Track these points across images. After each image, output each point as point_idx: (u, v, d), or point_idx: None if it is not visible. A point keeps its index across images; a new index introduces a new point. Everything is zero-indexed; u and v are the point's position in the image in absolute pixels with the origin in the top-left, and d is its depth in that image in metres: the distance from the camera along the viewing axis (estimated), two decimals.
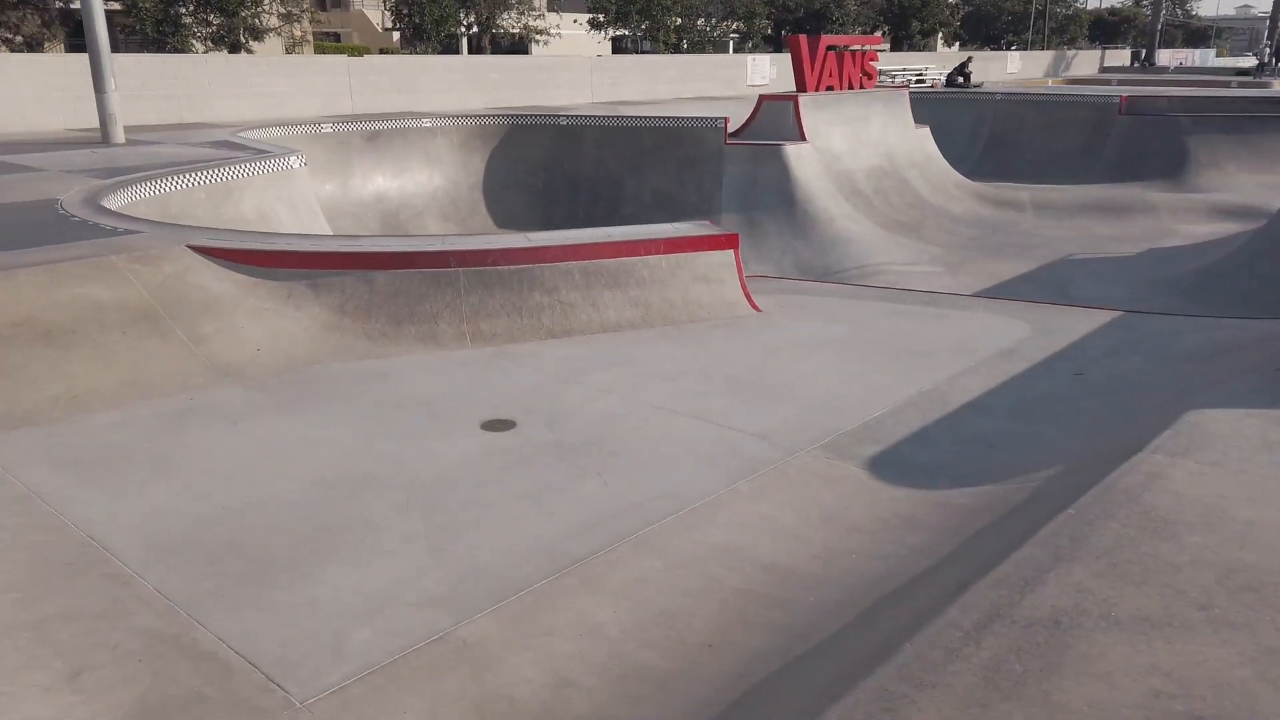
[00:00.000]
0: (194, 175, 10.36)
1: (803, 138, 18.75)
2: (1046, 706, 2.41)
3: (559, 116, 19.66)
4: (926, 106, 23.71)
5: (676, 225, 8.34)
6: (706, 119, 18.93)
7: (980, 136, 26.39)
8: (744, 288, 8.03)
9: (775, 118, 19.44)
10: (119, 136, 13.57)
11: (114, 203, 8.83)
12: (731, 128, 19.08)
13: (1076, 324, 7.52)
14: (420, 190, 18.28)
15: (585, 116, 19.66)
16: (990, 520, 4.06)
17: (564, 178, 19.54)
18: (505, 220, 18.38)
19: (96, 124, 14.15)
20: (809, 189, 18.15)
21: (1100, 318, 7.71)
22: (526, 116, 19.59)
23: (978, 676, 2.54)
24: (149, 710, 3.10)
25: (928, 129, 21.75)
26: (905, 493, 4.67)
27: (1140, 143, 23.59)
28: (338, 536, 4.25)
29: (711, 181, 19.00)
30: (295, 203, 12.29)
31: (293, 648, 3.46)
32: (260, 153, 12.28)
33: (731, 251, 7.99)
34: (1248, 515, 3.46)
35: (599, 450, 5.25)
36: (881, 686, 2.52)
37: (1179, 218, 19.49)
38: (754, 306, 7.96)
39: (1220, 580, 3.01)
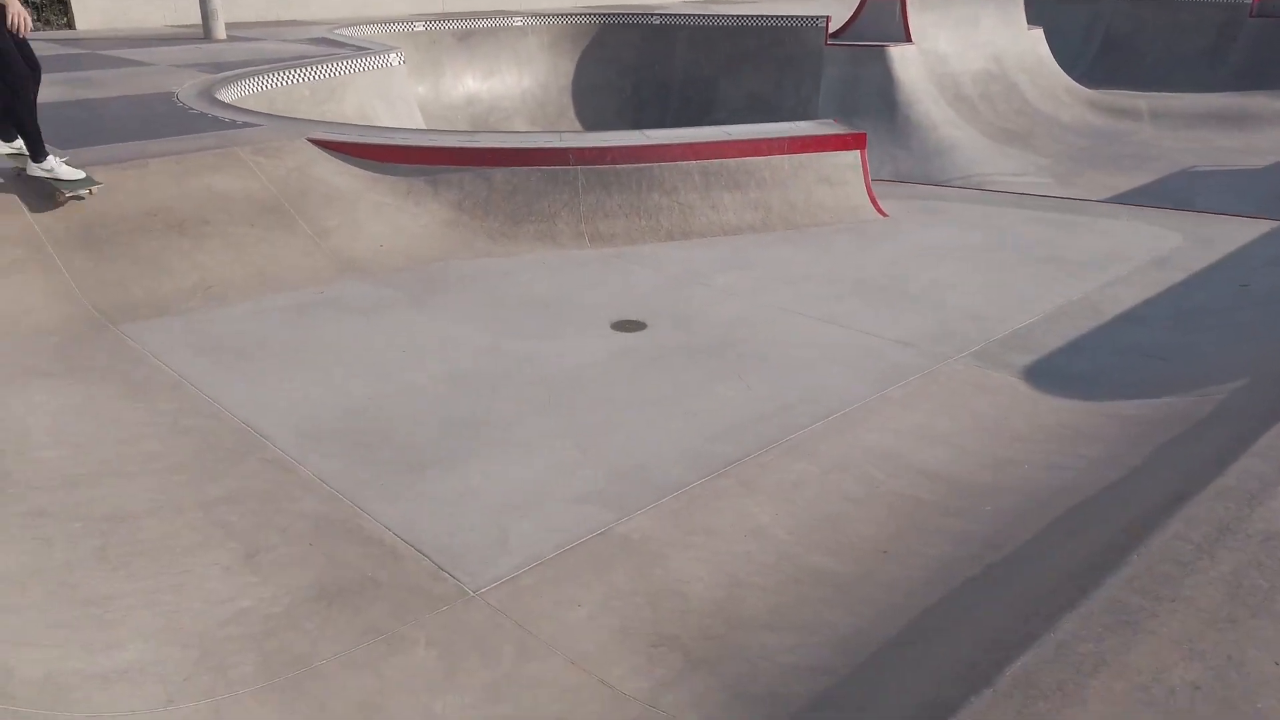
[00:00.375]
0: (298, 71, 10.27)
1: (908, 39, 17.81)
2: None
3: (651, 15, 19.02)
4: (1037, 5, 22.27)
5: (799, 124, 7.97)
6: (807, 18, 18.10)
7: (1095, 38, 24.76)
8: (870, 191, 7.67)
9: (880, 17, 18.46)
10: (220, 32, 13.52)
11: (227, 97, 8.80)
12: (833, 27, 18.21)
13: (1234, 233, 7.01)
14: (509, 92, 17.97)
15: (678, 15, 18.98)
16: (1176, 433, 3.80)
17: (654, 81, 18.98)
18: (593, 125, 18.00)
19: (197, 20, 14.12)
20: (912, 93, 17.30)
21: (1260, 227, 7.18)
22: (618, 15, 18.98)
23: (1220, 591, 2.35)
24: (325, 593, 3.11)
25: (1040, 31, 20.47)
26: (1068, 403, 4.42)
27: (1272, 47, 21.83)
28: (480, 431, 4.20)
29: (810, 84, 18.24)
30: (394, 101, 12.15)
31: (457, 538, 3.44)
32: (360, 50, 12.12)
33: (858, 152, 7.62)
34: None
35: (732, 353, 5.09)
36: (1115, 599, 2.35)
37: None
38: (880, 211, 7.62)
39: None
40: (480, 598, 3.12)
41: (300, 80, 10.32)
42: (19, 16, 5.04)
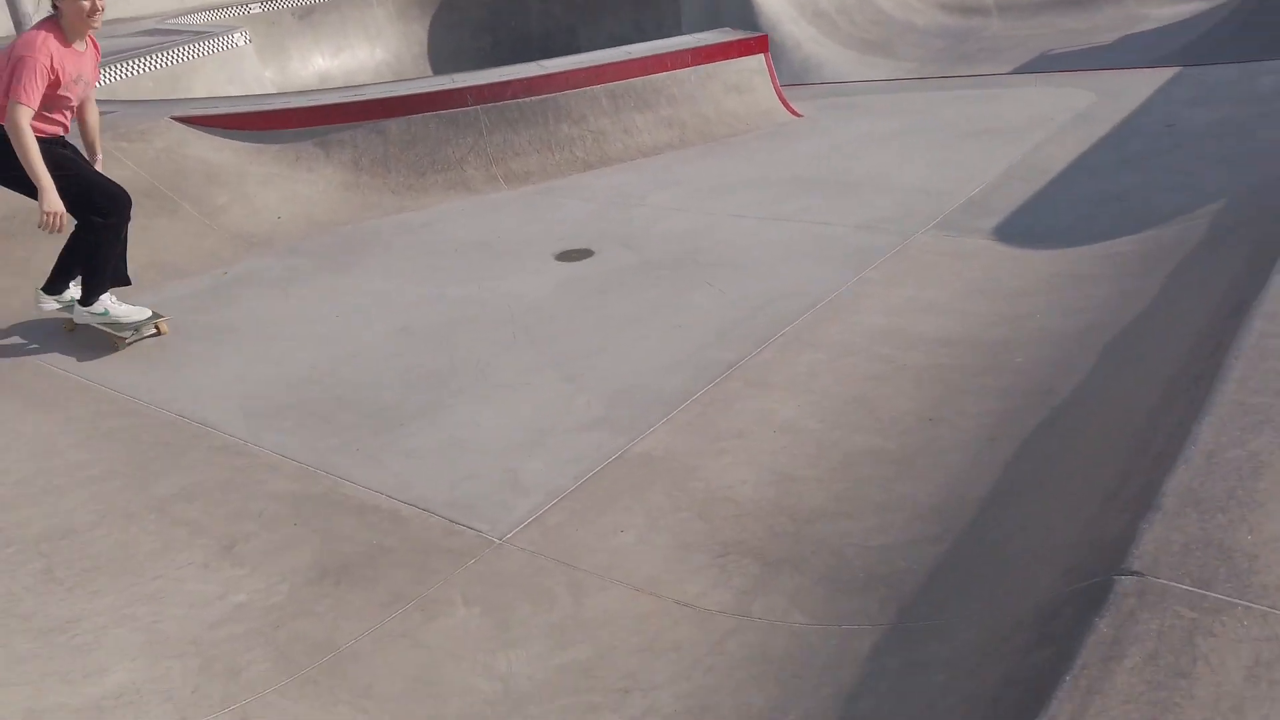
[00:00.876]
0: (137, 62, 9.32)
1: None
2: None
3: None
4: None
5: (699, 35, 7.64)
6: None
7: None
8: (780, 93, 7.42)
9: None
10: None
11: None
12: None
13: (1139, 85, 7.06)
14: (363, 67, 16.97)
15: None
16: (1180, 259, 3.69)
17: (512, 36, 18.27)
18: None
19: (8, 28, 12.76)
20: (773, 16, 17.15)
21: (1162, 75, 7.26)
22: None
23: None
24: (329, 571, 2.68)
25: None
26: (1054, 253, 4.28)
27: None
28: (451, 380, 3.78)
29: (671, 21, 17.90)
30: (247, 84, 11.25)
31: (461, 489, 3.03)
32: (200, 34, 11.14)
33: (762, 56, 7.35)
34: None
35: (693, 264, 4.78)
36: (1237, 401, 2.15)
37: (1146, 3, 18.85)
38: (793, 112, 7.38)
39: None
40: (509, 544, 2.74)
41: (141, 71, 9.37)
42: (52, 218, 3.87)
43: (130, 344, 4.27)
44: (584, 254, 5.08)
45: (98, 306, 4.28)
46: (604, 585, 2.53)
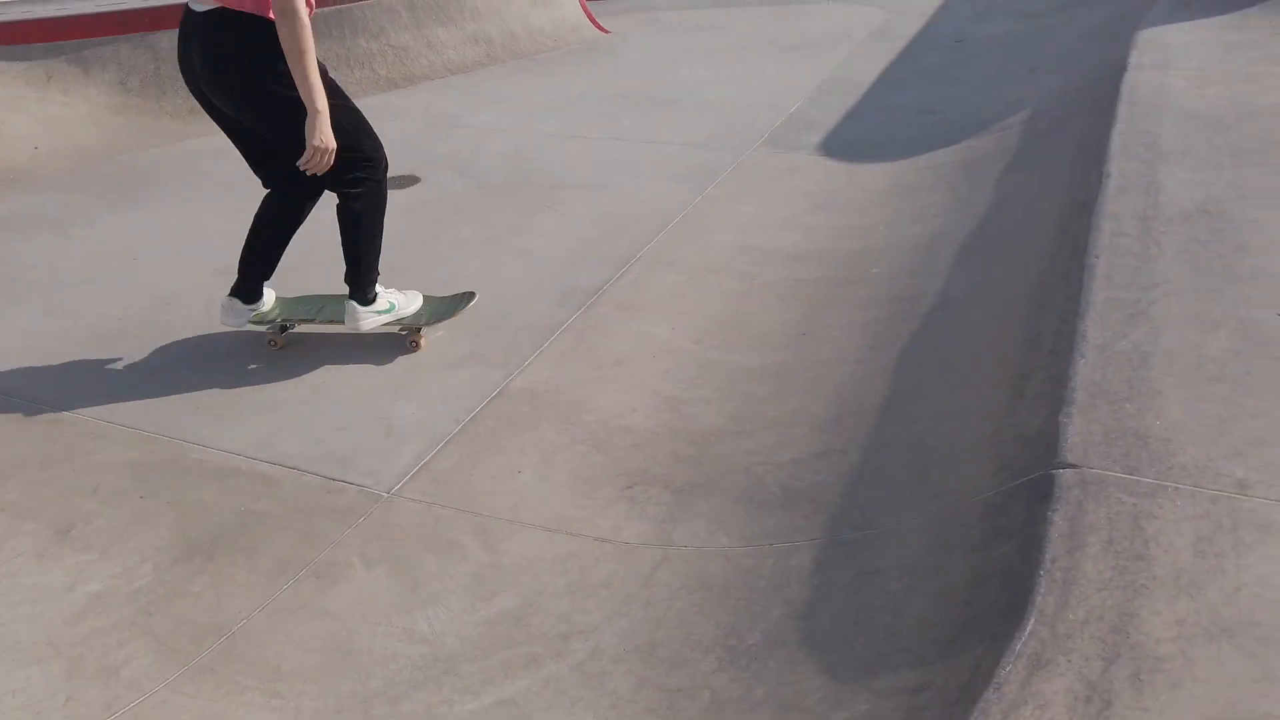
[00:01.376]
0: None
1: None
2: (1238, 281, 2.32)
3: None
4: None
5: None
6: None
7: None
8: (585, 8, 7.21)
9: None
10: None
11: None
12: None
13: (922, 1, 7.42)
14: None
15: None
16: (1007, 162, 3.93)
17: None
18: None
19: None
20: None
21: None
22: None
23: (1180, 238, 2.39)
24: (197, 545, 2.39)
25: None
26: (883, 166, 4.45)
27: None
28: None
29: None
30: None
31: (331, 442, 2.78)
32: None
33: None
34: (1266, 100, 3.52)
35: (532, 186, 4.59)
36: (1109, 297, 2.31)
37: None
38: (600, 28, 7.20)
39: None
40: (399, 496, 2.55)
41: None
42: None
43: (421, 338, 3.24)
44: (410, 180, 4.76)
45: (381, 302, 3.15)
46: (514, 530, 2.41)
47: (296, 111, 2.69)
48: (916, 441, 2.29)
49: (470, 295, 3.37)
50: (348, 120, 2.86)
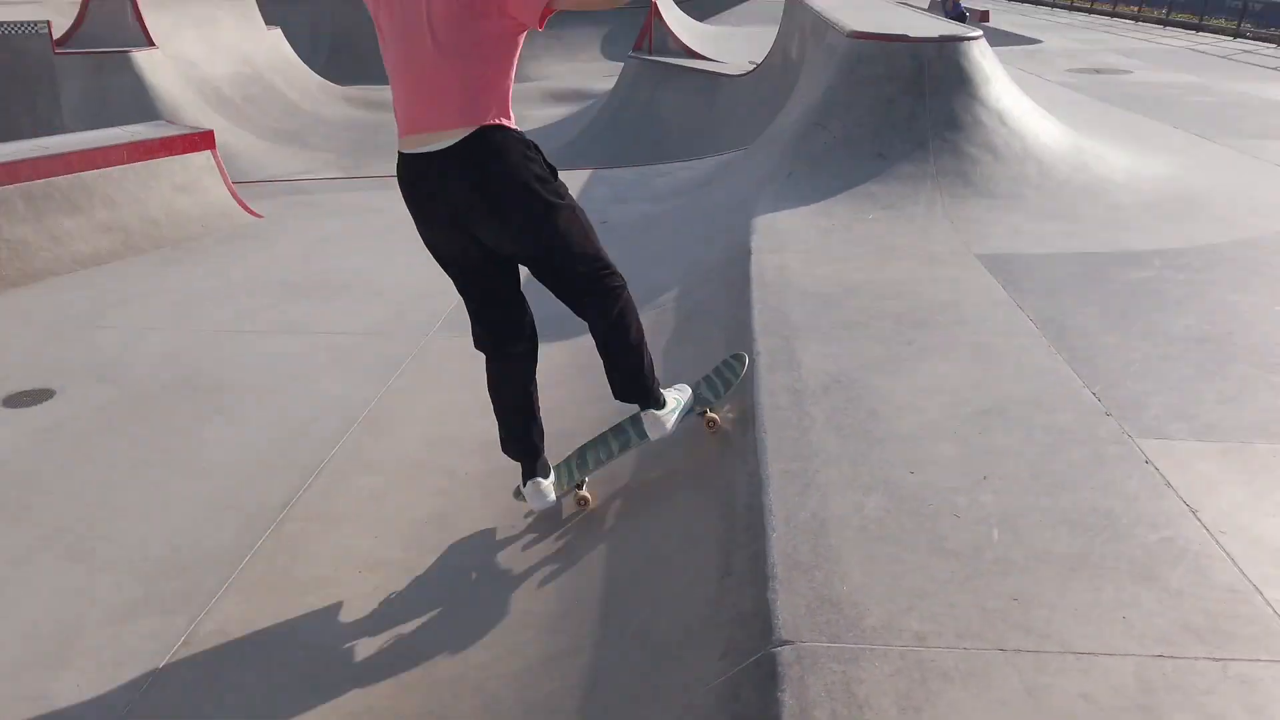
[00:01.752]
0: None
1: (151, 43, 16.42)
2: None
3: None
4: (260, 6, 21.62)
5: (132, 128, 6.83)
6: (23, 24, 15.60)
7: (323, 40, 25.13)
8: (233, 192, 6.99)
9: (111, 20, 16.66)
10: None
11: None
12: (58, 33, 15.95)
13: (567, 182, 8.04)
14: None
15: None
16: (667, 338, 4.33)
17: None
18: None
19: None
20: (172, 102, 16.09)
21: (582, 175, 8.36)
22: None
23: (828, 430, 2.79)
24: None
25: (279, 30, 20.41)
26: (561, 345, 4.69)
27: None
28: None
29: (47, 100, 15.79)
30: None
31: None
32: None
33: (209, 152, 6.86)
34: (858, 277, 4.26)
35: (195, 389, 4.29)
36: (781, 469, 2.62)
37: (520, 105, 21.36)
38: (252, 213, 7.00)
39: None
40: None
41: None
42: None
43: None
44: (44, 395, 4.23)
45: (669, 400, 3.08)
46: None
47: (558, 205, 2.76)
48: (641, 632, 2.40)
49: (742, 356, 3.30)
50: (587, 221, 2.94)
